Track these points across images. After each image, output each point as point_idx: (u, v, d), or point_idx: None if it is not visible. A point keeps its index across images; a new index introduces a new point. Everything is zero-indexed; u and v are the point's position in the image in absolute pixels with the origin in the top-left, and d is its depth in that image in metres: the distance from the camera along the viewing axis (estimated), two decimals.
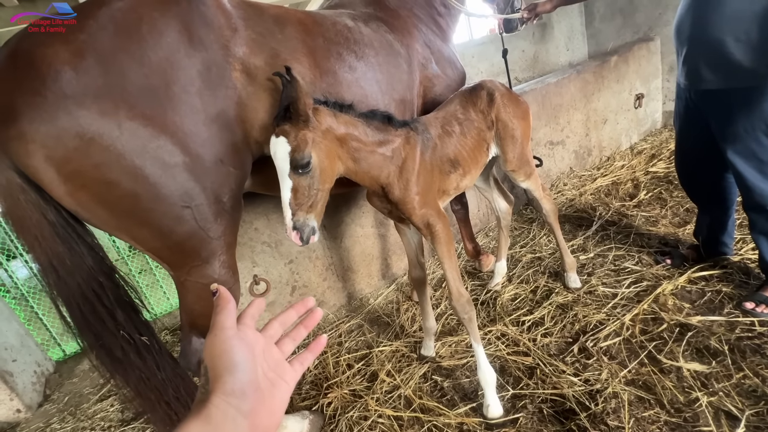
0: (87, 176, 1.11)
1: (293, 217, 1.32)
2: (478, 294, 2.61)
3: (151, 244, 1.29)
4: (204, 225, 1.30)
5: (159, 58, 1.18)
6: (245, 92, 1.38)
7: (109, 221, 1.22)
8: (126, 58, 1.13)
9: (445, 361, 2.14)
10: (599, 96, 3.90)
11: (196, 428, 0.47)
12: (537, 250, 2.89)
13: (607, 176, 3.69)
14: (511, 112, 1.95)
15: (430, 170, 1.71)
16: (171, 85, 1.19)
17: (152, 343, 1.51)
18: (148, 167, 1.17)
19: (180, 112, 1.21)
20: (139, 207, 1.19)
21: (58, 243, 1.26)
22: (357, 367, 2.28)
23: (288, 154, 1.30)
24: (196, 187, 1.26)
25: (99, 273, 1.35)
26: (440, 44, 2.17)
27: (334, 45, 1.62)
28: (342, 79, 1.62)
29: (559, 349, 2.00)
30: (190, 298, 1.39)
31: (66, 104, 1.05)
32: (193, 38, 1.25)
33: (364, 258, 3.00)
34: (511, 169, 2.05)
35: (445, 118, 1.86)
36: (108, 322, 1.37)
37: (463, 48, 4.46)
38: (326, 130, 1.39)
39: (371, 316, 2.78)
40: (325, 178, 1.39)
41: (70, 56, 1.06)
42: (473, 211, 3.38)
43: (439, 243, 1.69)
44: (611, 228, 2.86)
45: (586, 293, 2.30)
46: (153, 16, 1.19)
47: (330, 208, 2.83)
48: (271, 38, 1.44)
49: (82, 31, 1.10)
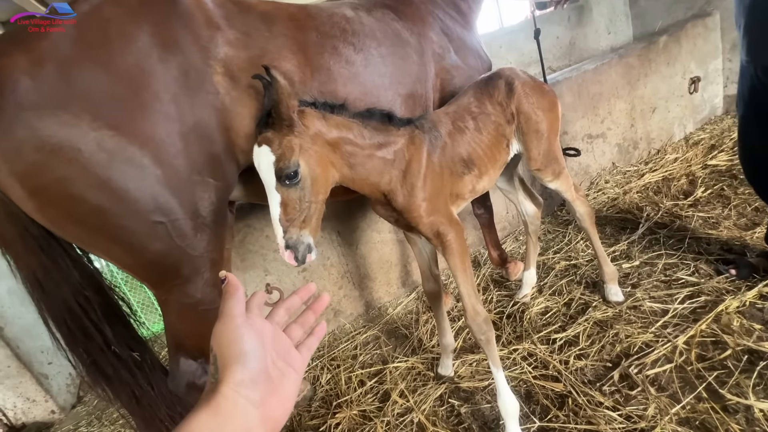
0: (51, 191, 1.05)
1: (285, 235, 1.18)
2: (504, 306, 2.37)
3: (126, 262, 1.21)
4: (182, 241, 1.21)
5: (128, 64, 1.09)
6: (228, 97, 1.27)
7: (81, 238, 1.16)
8: (90, 64, 1.05)
9: (464, 383, 1.93)
10: (646, 82, 3.48)
11: (205, 419, 0.45)
12: (573, 257, 2.59)
13: (657, 171, 3.27)
14: (535, 102, 1.71)
15: (440, 173, 1.52)
16: (141, 92, 1.11)
17: (144, 359, 1.46)
18: (115, 180, 1.09)
19: (151, 120, 1.12)
20: (109, 223, 1.12)
21: (42, 257, 1.23)
22: (369, 384, 2.14)
23: (272, 164, 1.17)
24: (171, 201, 1.17)
25: (86, 287, 1.31)
26: (460, 31, 1.96)
27: (329, 39, 1.48)
28: (337, 75, 1.47)
29: (596, 375, 1.73)
30: (173, 318, 1.31)
31: (24, 116, 0.99)
32: (168, 41, 1.16)
33: (382, 265, 2.85)
34: (536, 168, 1.80)
35: (456, 112, 1.66)
36: (96, 338, 1.33)
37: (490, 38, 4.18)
38: (315, 134, 1.25)
39: (389, 327, 2.62)
40: (318, 189, 1.25)
41: (28, 65, 1.00)
42: (501, 213, 3.12)
43: (452, 254, 1.51)
44: (661, 231, 2.50)
45: (630, 308, 1.99)
46: (122, 19, 1.11)
47: (344, 212, 2.74)
48: (257, 36, 1.33)
49: (45, 37, 1.03)
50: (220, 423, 0.46)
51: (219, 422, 0.46)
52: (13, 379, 2.79)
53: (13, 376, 2.79)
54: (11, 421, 2.80)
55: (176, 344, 1.35)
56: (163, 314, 1.32)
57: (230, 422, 0.47)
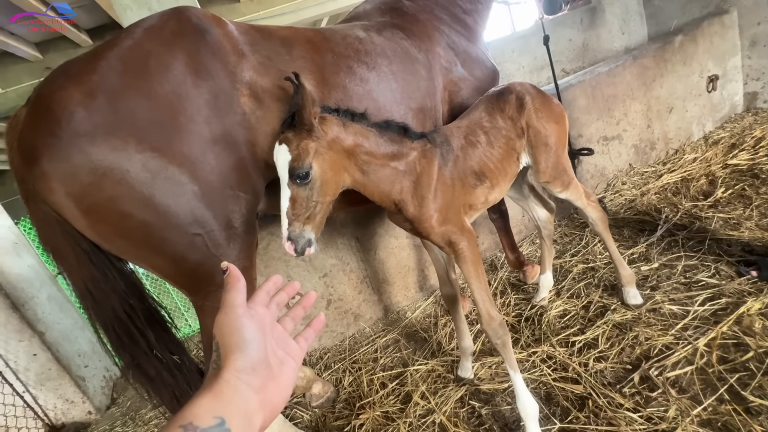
0: (103, 209, 1.16)
1: (289, 228, 1.28)
2: (522, 309, 2.40)
3: (168, 272, 1.31)
4: (217, 251, 1.31)
5: (166, 91, 1.20)
6: (254, 116, 1.37)
7: (129, 251, 1.26)
8: (134, 93, 1.16)
9: (484, 385, 1.97)
10: (662, 82, 3.46)
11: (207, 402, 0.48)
12: (590, 260, 2.60)
13: (675, 172, 3.24)
14: (544, 117, 1.75)
15: (451, 185, 1.58)
16: (178, 116, 1.21)
17: (183, 362, 1.56)
18: (158, 197, 1.19)
19: (188, 141, 1.22)
20: (153, 236, 1.22)
21: (93, 269, 1.34)
22: (391, 386, 2.20)
23: (288, 163, 1.26)
24: (207, 214, 1.27)
25: (131, 296, 1.42)
26: (466, 44, 2.03)
27: (344, 59, 1.57)
28: (352, 93, 1.56)
29: (616, 377, 1.75)
30: (209, 322, 1.40)
31: (79, 143, 1.10)
32: (200, 68, 1.27)
33: (400, 270, 2.91)
34: (545, 180, 1.84)
35: (468, 127, 1.72)
36: (141, 343, 1.43)
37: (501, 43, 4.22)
38: (332, 140, 1.33)
39: (408, 331, 2.67)
40: (327, 191, 1.33)
41: (82, 97, 1.11)
42: (516, 217, 3.15)
43: (464, 262, 1.56)
44: (680, 233, 2.49)
45: (650, 311, 2.00)
46: (160, 51, 1.22)
47: (363, 219, 2.81)
48: (278, 60, 1.42)
49: (95, 71, 1.15)
50: (222, 406, 0.48)
51: (221, 405, 0.48)
52: (54, 381, 2.96)
53: (54, 378, 2.96)
54: (52, 421, 2.96)
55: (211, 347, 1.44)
56: (200, 319, 1.41)
57: (231, 406, 0.49)
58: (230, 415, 0.48)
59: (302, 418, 2.20)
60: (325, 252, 2.70)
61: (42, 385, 2.92)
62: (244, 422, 0.49)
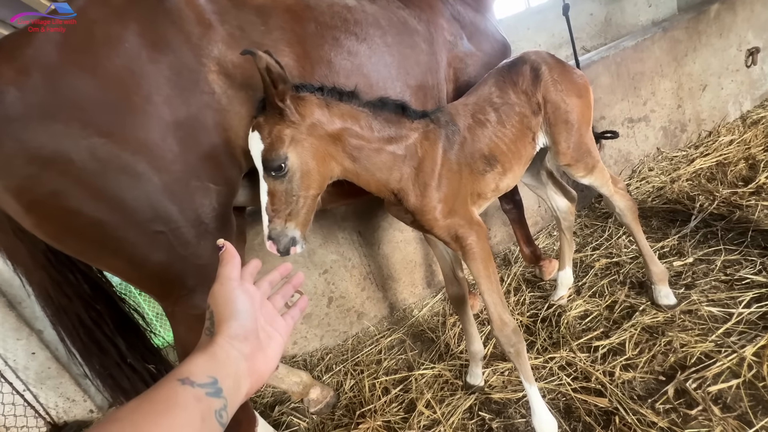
0: (47, 205, 1.01)
1: (269, 225, 1.14)
2: (538, 308, 2.19)
3: (130, 275, 1.17)
4: (185, 250, 1.15)
5: (116, 67, 1.03)
6: (225, 96, 1.19)
7: (82, 251, 1.12)
8: (76, 69, 1.00)
9: (496, 393, 1.79)
10: (695, 57, 3.14)
11: (203, 362, 0.52)
12: (614, 254, 2.36)
13: (710, 156, 2.94)
14: (564, 89, 1.52)
15: (457, 171, 1.38)
16: (131, 95, 1.04)
17: (160, 372, 1.43)
18: (110, 190, 1.03)
19: (144, 125, 1.06)
20: (108, 235, 1.07)
21: (52, 271, 1.21)
22: (394, 392, 2.03)
23: (260, 152, 1.11)
24: (171, 209, 1.11)
25: (97, 300, 1.29)
26: (473, 15, 1.80)
27: (329, 29, 1.38)
28: (339, 68, 1.37)
29: (647, 389, 1.54)
30: (181, 330, 1.26)
31: (12, 128, 0.94)
32: (157, 40, 1.09)
33: (406, 265, 2.73)
34: (566, 163, 1.61)
35: (476, 104, 1.50)
36: (110, 351, 1.31)
37: (515, 20, 3.92)
38: (313, 124, 1.15)
39: (414, 330, 2.50)
40: (309, 183, 1.17)
41: (14, 74, 0.95)
42: (532, 208, 2.91)
43: (473, 259, 1.36)
44: (718, 224, 2.22)
45: (685, 313, 1.77)
46: (107, 20, 1.05)
47: (365, 211, 2.63)
48: (252, 31, 1.24)
49: (29, 44, 0.99)
50: (216, 367, 0.52)
51: (215, 366, 0.52)
52: (54, 380, 2.91)
53: (54, 376, 2.91)
54: (54, 420, 2.92)
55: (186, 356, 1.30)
56: (172, 327, 1.27)
57: (224, 368, 0.53)
58: (222, 376, 0.52)
59: (299, 425, 2.06)
60: (325, 247, 2.54)
61: (42, 383, 2.88)
62: (234, 385, 0.53)
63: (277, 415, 2.18)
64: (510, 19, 3.90)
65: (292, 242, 1.16)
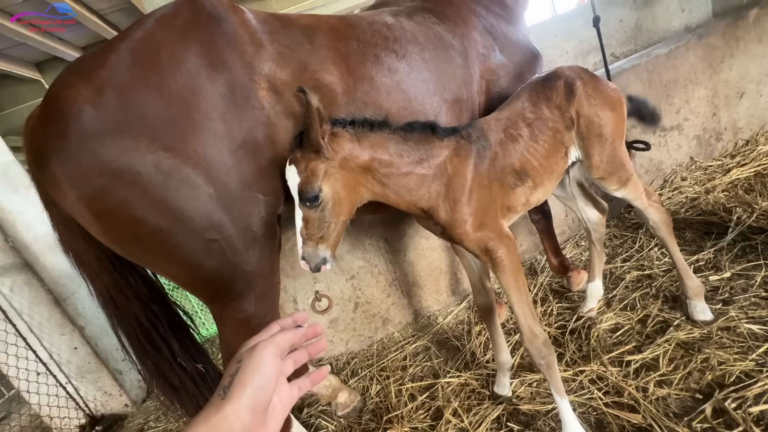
0: (115, 214, 1.09)
1: (303, 247, 1.24)
2: (566, 320, 2.17)
3: (184, 280, 1.24)
4: (235, 257, 1.22)
5: (179, 86, 1.11)
6: (273, 111, 1.26)
7: (144, 257, 1.20)
8: (145, 89, 1.08)
9: (524, 405, 1.79)
10: (732, 63, 3.05)
11: None
12: (646, 266, 2.32)
13: (747, 166, 2.85)
14: (598, 104, 1.52)
15: (488, 185, 1.41)
16: (192, 113, 1.12)
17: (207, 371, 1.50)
18: (172, 201, 1.11)
19: (203, 140, 1.13)
20: (168, 242, 1.14)
21: (115, 274, 1.30)
22: (421, 399, 2.06)
23: (297, 185, 1.20)
24: (224, 218, 1.18)
25: (153, 302, 1.38)
26: (505, 27, 1.82)
27: (371, 47, 1.43)
28: (380, 85, 1.41)
29: (683, 407, 1.51)
30: (228, 332, 1.32)
31: (88, 143, 1.03)
32: (215, 60, 1.17)
33: (431, 272, 2.75)
34: (599, 177, 1.61)
35: (509, 119, 1.52)
36: (164, 351, 1.39)
37: (542, 27, 3.89)
38: (344, 158, 1.24)
39: (439, 338, 2.52)
40: (340, 211, 1.26)
41: (90, 94, 1.04)
42: (559, 217, 2.89)
43: (503, 271, 1.39)
44: (757, 237, 2.16)
45: (722, 329, 1.73)
46: (172, 42, 1.13)
47: (392, 219, 2.67)
48: (299, 50, 1.31)
49: (104, 66, 1.07)
50: None
51: None
52: (93, 374, 3.07)
53: (93, 371, 3.06)
54: (92, 412, 3.07)
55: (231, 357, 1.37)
56: (219, 329, 1.34)
57: None
58: None
59: (326, 428, 2.11)
60: (353, 253, 2.59)
61: (82, 377, 3.03)
62: None
63: (305, 417, 2.24)
64: (537, 27, 3.87)
65: (323, 261, 1.26)
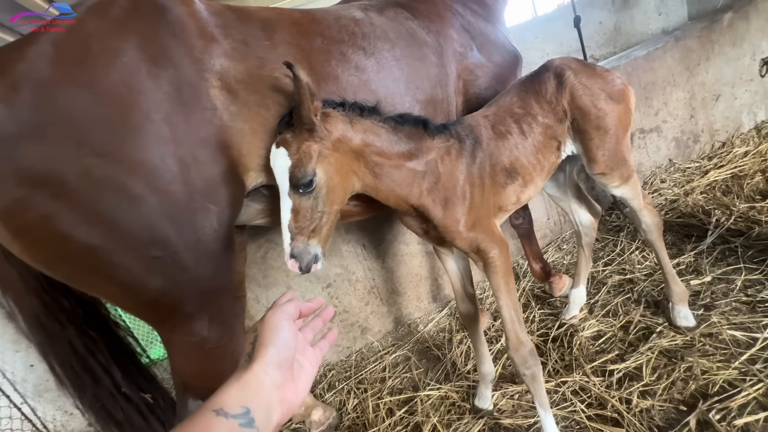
0: (36, 230, 0.95)
1: (292, 242, 1.11)
2: (548, 327, 2.11)
3: (125, 302, 1.11)
4: (182, 275, 1.09)
5: (113, 82, 0.98)
6: (227, 112, 1.14)
7: (75, 278, 1.06)
8: (70, 85, 0.94)
9: (506, 419, 1.71)
10: (707, 66, 3.07)
11: (235, 392, 0.55)
12: (627, 270, 2.28)
13: (724, 168, 2.86)
14: (595, 93, 1.46)
15: (480, 185, 1.35)
16: (130, 113, 0.99)
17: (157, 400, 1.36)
18: (105, 213, 0.98)
19: (142, 144, 1.00)
20: (102, 261, 1.01)
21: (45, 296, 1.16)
22: (399, 414, 1.96)
23: (288, 169, 1.08)
24: (169, 232, 1.05)
25: (92, 326, 1.23)
26: (483, 26, 1.74)
27: (336, 44, 1.33)
28: (347, 84, 1.32)
29: (667, 419, 1.46)
30: (178, 357, 1.20)
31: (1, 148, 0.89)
32: (158, 54, 1.04)
33: (411, 279, 2.66)
34: (600, 172, 1.54)
35: (497, 115, 1.46)
36: (105, 381, 1.24)
37: (522, 29, 3.87)
38: (338, 140, 1.14)
39: (420, 347, 2.43)
40: (333, 199, 1.14)
41: (4, 91, 0.90)
42: (541, 220, 2.84)
43: (494, 273, 1.32)
44: (736, 240, 2.14)
45: (705, 336, 1.69)
46: (105, 32, 1.00)
47: (370, 224, 2.57)
48: (256, 46, 1.19)
49: (22, 59, 0.94)
50: (249, 397, 0.55)
51: (248, 395, 0.55)
52: (52, 393, 2.86)
53: (52, 389, 2.85)
54: None
55: (183, 385, 1.23)
56: (168, 353, 1.21)
57: (257, 397, 0.55)
58: (255, 406, 0.54)
59: None
60: (329, 260, 2.47)
61: (40, 396, 2.83)
62: (266, 414, 0.56)
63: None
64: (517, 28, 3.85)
65: (314, 259, 1.13)
